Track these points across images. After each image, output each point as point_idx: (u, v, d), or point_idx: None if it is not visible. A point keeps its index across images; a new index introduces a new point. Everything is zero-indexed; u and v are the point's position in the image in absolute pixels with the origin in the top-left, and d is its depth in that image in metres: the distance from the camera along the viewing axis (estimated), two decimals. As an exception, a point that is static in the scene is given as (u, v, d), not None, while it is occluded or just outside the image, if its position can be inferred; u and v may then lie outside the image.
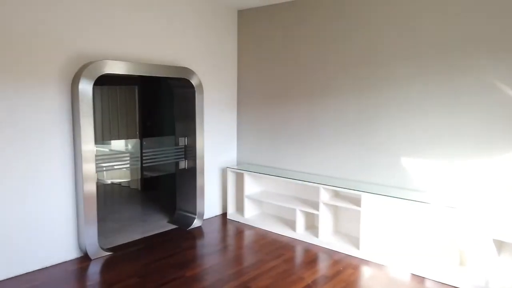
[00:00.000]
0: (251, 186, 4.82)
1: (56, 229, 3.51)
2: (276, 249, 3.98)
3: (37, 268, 3.41)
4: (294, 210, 4.44)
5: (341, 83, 4.18)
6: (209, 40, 4.75)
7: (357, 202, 3.88)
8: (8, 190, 3.19)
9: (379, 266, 3.61)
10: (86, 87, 3.42)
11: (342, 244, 3.96)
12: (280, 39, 4.67)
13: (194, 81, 4.39)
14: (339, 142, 4.26)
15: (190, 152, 4.59)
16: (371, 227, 3.83)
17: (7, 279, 3.23)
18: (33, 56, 3.24)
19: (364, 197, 3.72)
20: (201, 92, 4.49)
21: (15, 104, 3.17)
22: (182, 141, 4.62)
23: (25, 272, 3.33)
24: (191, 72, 4.35)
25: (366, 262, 3.70)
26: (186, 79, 4.32)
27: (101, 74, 3.52)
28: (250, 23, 4.96)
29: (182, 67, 4.31)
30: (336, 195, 4.21)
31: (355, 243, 3.94)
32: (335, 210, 4.25)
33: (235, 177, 4.98)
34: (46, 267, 3.46)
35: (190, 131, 4.56)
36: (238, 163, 5.26)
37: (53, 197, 3.46)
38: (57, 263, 3.54)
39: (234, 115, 5.20)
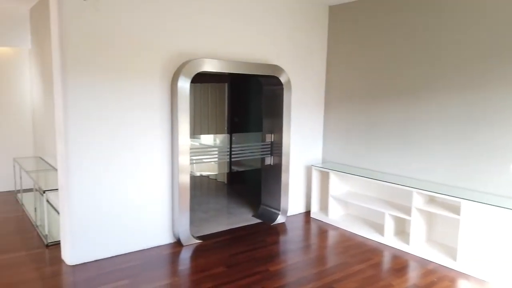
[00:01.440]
0: (337, 185, 4.71)
1: (154, 216, 3.81)
2: (362, 252, 3.84)
3: (136, 249, 3.74)
4: (382, 213, 4.24)
5: (447, 81, 3.87)
6: (299, 38, 4.74)
7: (455, 209, 3.57)
8: (117, 177, 3.54)
9: (479, 281, 3.28)
10: (184, 84, 3.65)
11: (436, 254, 3.67)
12: (374, 35, 4.47)
13: (283, 79, 4.42)
14: (436, 144, 3.95)
15: (276, 148, 4.64)
16: (471, 238, 3.50)
17: (111, 257, 3.59)
18: (140, 58, 3.55)
19: (465, 204, 3.40)
20: (289, 89, 4.50)
21: (123, 101, 3.51)
22: (269, 138, 4.69)
23: (126, 252, 3.68)
24: (280, 69, 4.39)
25: (464, 275, 3.39)
26: (275, 76, 4.37)
27: (198, 72, 3.72)
28: (342, 19, 4.84)
29: (272, 64, 4.36)
30: (431, 200, 3.92)
31: (452, 253, 3.63)
32: (429, 216, 3.96)
33: (320, 175, 4.91)
34: (144, 249, 3.78)
35: (277, 128, 4.60)
36: (324, 161, 5.18)
37: (153, 186, 3.77)
38: (153, 246, 3.84)
39: (321, 113, 5.12)
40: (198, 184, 6.78)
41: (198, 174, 7.13)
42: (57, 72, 3.27)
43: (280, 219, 4.64)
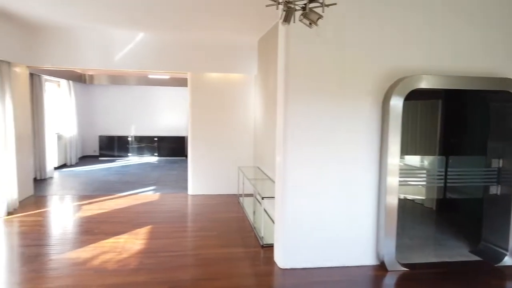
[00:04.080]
0: None
1: (358, 234, 3.80)
2: None
3: (339, 265, 3.79)
4: None
5: None
6: (543, 44, 3.91)
7: None
8: (325, 191, 3.71)
9: None
10: (397, 103, 3.54)
11: None
12: None
13: (518, 94, 3.73)
14: None
15: (506, 177, 3.92)
16: None
17: (315, 267, 3.75)
18: (352, 78, 3.65)
19: None
20: (527, 106, 3.75)
21: (333, 119, 3.66)
22: (496, 163, 4.00)
23: (330, 265, 3.78)
24: (514, 83, 3.72)
25: None
26: (507, 91, 3.73)
27: (412, 89, 3.55)
28: None
29: (503, 78, 3.74)
30: None
31: None
32: None
33: None
34: (346, 266, 3.79)
35: (507, 152, 3.89)
36: None
37: (358, 204, 3.77)
38: (355, 265, 3.82)
39: None
40: (402, 208, 6.38)
41: (401, 196, 6.73)
42: (281, 94, 3.70)
43: (507, 260, 3.87)
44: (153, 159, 10.92)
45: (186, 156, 10.72)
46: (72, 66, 6.73)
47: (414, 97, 6.01)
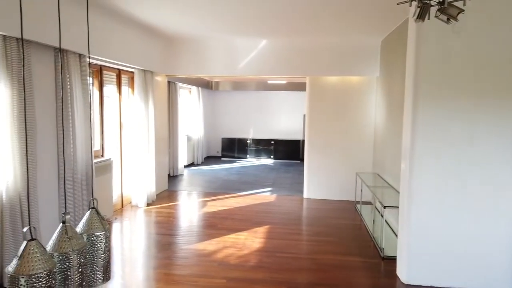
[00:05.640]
0: None
1: (496, 257, 3.32)
2: None
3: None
4: None
5: None
6: None
7: None
8: (459, 206, 3.34)
9: None
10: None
11: None
12: None
13: None
14: None
15: None
16: None
17: (440, 287, 3.40)
18: (495, 79, 3.21)
19: None
20: None
21: (472, 125, 3.27)
22: None
23: (461, 286, 3.38)
24: None
25: None
26: None
27: None
28: None
29: None
30: None
31: None
32: None
33: None
34: (483, 291, 3.35)
35: None
36: None
37: (495, 227, 3.30)
38: (494, 290, 3.35)
39: None
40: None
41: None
42: (409, 97, 3.46)
43: None
44: (269, 161, 11.28)
45: (301, 159, 10.83)
46: (202, 74, 7.38)
47: None
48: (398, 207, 3.77)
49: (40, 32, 3.42)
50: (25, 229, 1.28)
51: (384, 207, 4.18)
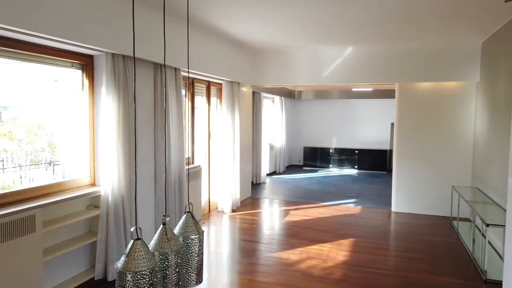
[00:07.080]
0: None
1: None
2: None
3: None
4: None
5: None
6: None
7: None
8: None
9: None
10: None
11: None
12: None
13: None
14: None
15: None
16: None
17: None
18: None
19: None
20: None
21: None
22: None
23: None
24: None
25: None
26: None
27: None
28: None
29: None
30: None
31: None
32: None
33: None
34: None
35: None
36: None
37: None
38: None
39: None
40: None
41: None
42: (518, 102, 3.09)
43: None
44: (353, 171, 10.92)
45: (388, 170, 10.29)
46: (286, 84, 7.46)
47: None
48: (504, 226, 3.36)
49: (144, 50, 3.78)
50: (132, 229, 1.41)
51: (487, 225, 3.76)
